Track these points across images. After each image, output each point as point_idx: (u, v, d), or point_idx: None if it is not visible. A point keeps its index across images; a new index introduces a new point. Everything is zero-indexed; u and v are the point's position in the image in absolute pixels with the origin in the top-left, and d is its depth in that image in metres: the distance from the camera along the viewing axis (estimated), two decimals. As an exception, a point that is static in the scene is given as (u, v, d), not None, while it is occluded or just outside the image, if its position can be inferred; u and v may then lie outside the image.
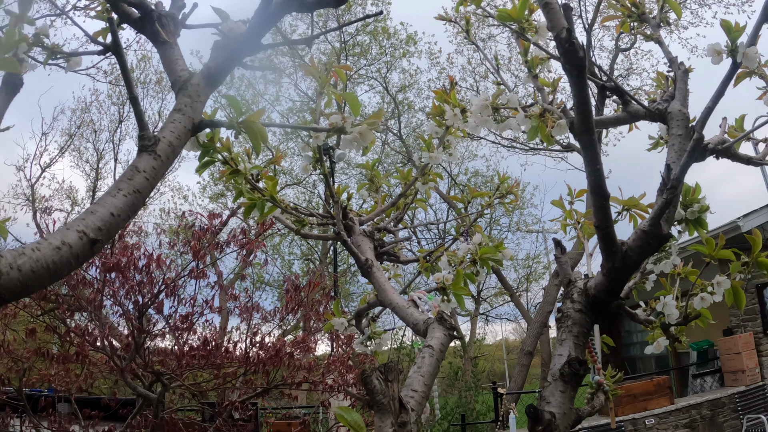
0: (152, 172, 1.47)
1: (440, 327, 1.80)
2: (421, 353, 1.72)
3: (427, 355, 1.70)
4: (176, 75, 1.72)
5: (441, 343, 1.75)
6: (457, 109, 2.89)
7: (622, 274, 1.51)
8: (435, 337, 1.77)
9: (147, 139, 1.48)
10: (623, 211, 2.59)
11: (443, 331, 1.79)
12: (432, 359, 1.69)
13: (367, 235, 2.62)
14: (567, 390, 1.47)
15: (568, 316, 1.55)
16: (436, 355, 1.71)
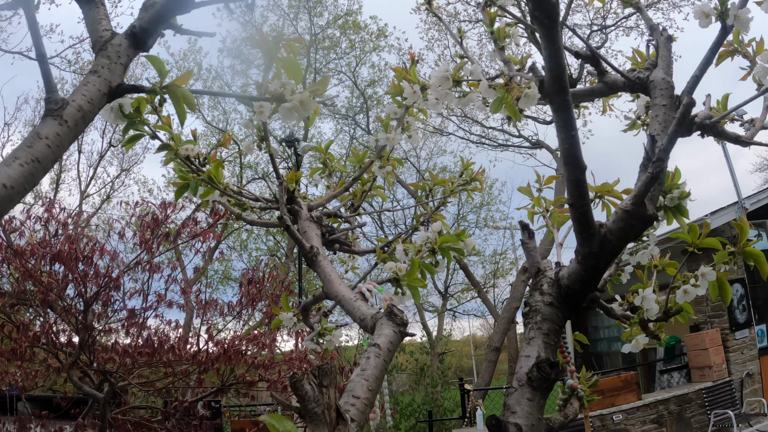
0: (56, 140, 1.24)
1: (389, 323, 1.57)
2: (366, 353, 1.48)
3: (373, 355, 1.46)
4: (98, 35, 1.49)
5: (389, 341, 1.51)
6: (417, 86, 2.66)
7: (600, 261, 1.28)
8: (383, 334, 1.53)
9: (53, 103, 1.28)
10: (596, 198, 2.38)
11: (393, 328, 1.55)
12: (378, 360, 1.45)
13: (314, 220, 2.36)
14: (536, 397, 1.24)
15: (537, 310, 1.32)
16: (383, 355, 1.47)
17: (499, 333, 15.81)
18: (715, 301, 8.53)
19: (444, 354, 24.33)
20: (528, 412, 1.22)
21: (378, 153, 2.87)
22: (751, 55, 2.31)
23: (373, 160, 2.85)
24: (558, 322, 1.31)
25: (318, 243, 2.21)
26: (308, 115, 1.84)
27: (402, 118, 2.93)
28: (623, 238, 1.27)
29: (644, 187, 1.26)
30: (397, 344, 1.54)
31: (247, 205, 2.48)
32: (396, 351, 1.58)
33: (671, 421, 11.06)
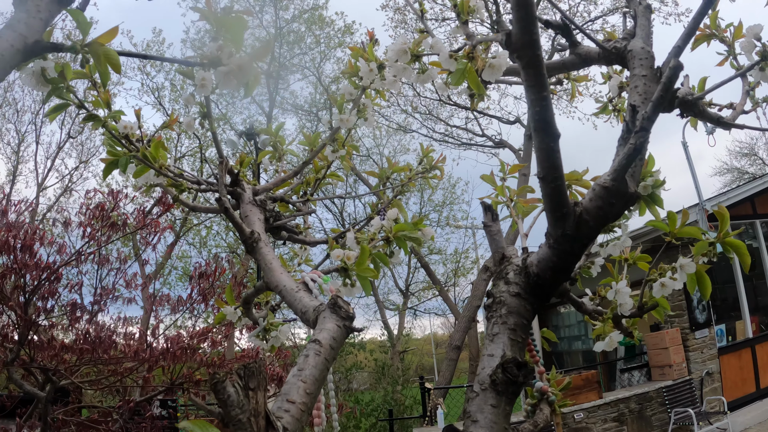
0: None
1: (333, 316, 1.37)
2: (305, 350, 1.29)
3: (312, 353, 1.26)
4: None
5: (332, 337, 1.32)
6: (374, 64, 2.47)
7: (575, 244, 1.10)
8: (325, 329, 1.34)
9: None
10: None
11: (336, 322, 1.36)
12: (318, 359, 1.26)
13: (257, 204, 2.16)
14: (501, 404, 1.05)
15: (502, 302, 1.14)
16: (325, 353, 1.28)
17: (459, 332, 15.70)
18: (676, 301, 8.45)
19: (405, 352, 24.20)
20: (492, 421, 1.04)
21: (331, 136, 2.67)
22: (729, 39, 2.17)
23: (325, 143, 2.65)
24: (526, 315, 1.13)
25: (260, 228, 2.00)
26: (246, 80, 1.65)
27: (358, 100, 2.74)
28: (601, 219, 1.09)
29: (626, 160, 1.09)
30: (341, 340, 1.35)
31: (184, 186, 2.27)
32: (341, 348, 1.39)
33: (632, 419, 11.07)
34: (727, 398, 11.55)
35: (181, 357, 4.89)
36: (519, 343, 1.09)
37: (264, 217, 2.14)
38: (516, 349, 1.09)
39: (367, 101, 2.80)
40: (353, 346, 21.19)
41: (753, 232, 14.17)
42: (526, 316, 1.12)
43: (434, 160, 2.85)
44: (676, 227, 1.76)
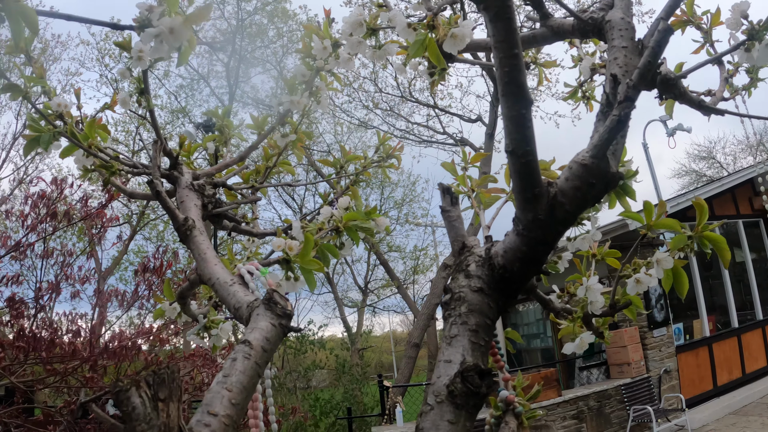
0: None
1: (267, 314, 1.19)
2: (233, 353, 1.11)
3: (241, 356, 1.08)
4: None
5: (265, 337, 1.14)
6: (328, 41, 2.29)
7: (548, 231, 0.94)
8: (257, 328, 1.16)
9: None
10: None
11: (271, 320, 1.18)
12: (247, 363, 1.07)
13: (195, 189, 1.96)
14: (460, 419, 0.88)
15: (462, 299, 0.97)
16: (256, 356, 1.10)
17: (418, 329, 15.60)
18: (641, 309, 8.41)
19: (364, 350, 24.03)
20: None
21: (281, 119, 2.49)
22: (706, 27, 2.04)
23: (274, 127, 2.47)
24: (490, 314, 0.96)
25: (196, 215, 1.81)
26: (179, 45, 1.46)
27: (311, 81, 2.56)
28: (579, 202, 0.93)
29: (608, 134, 0.93)
30: (276, 341, 1.17)
31: (114, 168, 2.07)
32: (276, 350, 1.21)
33: (591, 416, 11.08)
34: (685, 396, 11.62)
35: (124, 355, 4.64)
36: (481, 346, 0.93)
37: (201, 203, 1.95)
38: (478, 353, 0.92)
39: (321, 83, 2.63)
40: (313, 344, 20.95)
41: (710, 232, 14.25)
42: (489, 315, 0.95)
43: (391, 148, 2.68)
44: (652, 219, 1.62)
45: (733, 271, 14.33)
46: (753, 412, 11.58)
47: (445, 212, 1.10)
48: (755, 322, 14.13)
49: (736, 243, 14.90)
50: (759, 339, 13.96)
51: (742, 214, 14.84)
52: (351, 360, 20.55)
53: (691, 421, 11.00)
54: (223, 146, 2.65)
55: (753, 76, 2.30)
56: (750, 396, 12.48)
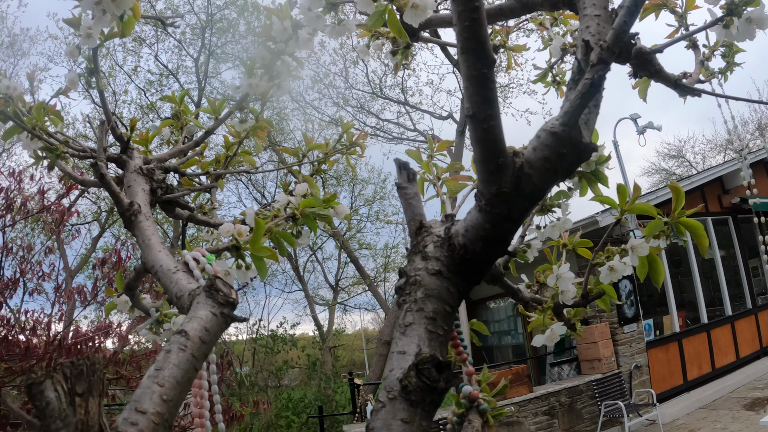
0: None
1: (208, 302, 1.08)
2: (167, 345, 1.00)
3: (175, 348, 0.97)
4: None
5: (204, 327, 1.03)
6: (288, 22, 2.18)
7: (514, 207, 0.84)
8: (196, 317, 1.05)
9: None
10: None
11: (211, 309, 1.07)
12: (182, 356, 0.96)
13: (143, 174, 1.84)
14: (415, 418, 0.78)
15: (418, 283, 0.86)
16: (192, 347, 0.99)
17: (389, 326, 15.50)
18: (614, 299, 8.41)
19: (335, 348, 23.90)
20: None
21: (239, 103, 2.37)
22: (680, 11, 1.97)
23: (231, 111, 2.35)
24: (449, 300, 0.86)
25: (143, 200, 1.69)
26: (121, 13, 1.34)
27: (271, 65, 2.45)
28: (549, 174, 0.83)
29: (580, 100, 0.83)
30: (216, 332, 1.06)
31: (59, 150, 1.94)
32: (217, 341, 1.10)
33: (562, 412, 11.09)
34: (656, 390, 11.67)
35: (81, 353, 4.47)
36: (440, 336, 0.82)
37: (150, 188, 1.83)
38: (436, 344, 0.82)
39: (283, 68, 2.52)
40: (284, 343, 20.78)
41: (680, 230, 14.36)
42: (449, 302, 0.85)
43: (354, 136, 2.58)
44: (626, 203, 1.53)
45: (702, 268, 14.43)
46: (723, 406, 11.66)
47: (401, 189, 0.99)
48: (724, 317, 14.26)
49: (706, 239, 14.98)
50: (728, 334, 14.08)
51: (711, 212, 14.95)
52: (322, 358, 20.41)
53: (662, 415, 11.04)
54: (179, 132, 2.53)
55: (729, 60, 2.23)
56: (720, 390, 12.57)
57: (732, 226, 15.39)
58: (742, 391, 12.54)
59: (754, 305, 15.12)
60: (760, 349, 14.65)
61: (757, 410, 10.65)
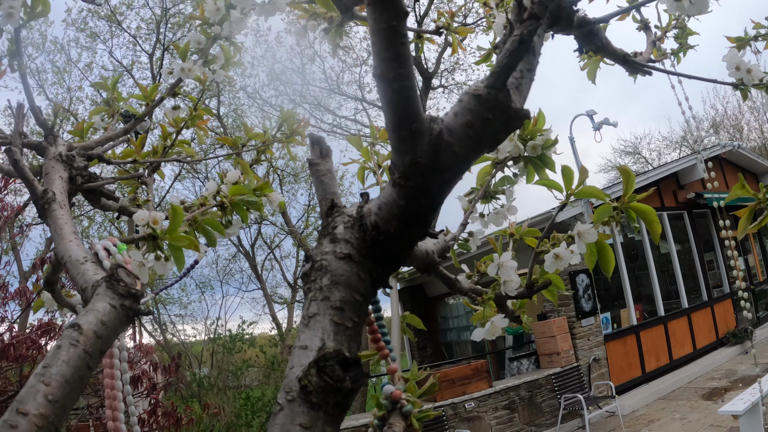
0: None
1: (108, 293, 0.97)
2: (59, 340, 0.89)
3: (66, 343, 0.85)
4: None
5: (100, 320, 0.91)
6: (221, 2, 2.07)
7: (432, 180, 0.73)
8: (93, 310, 0.93)
9: None
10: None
11: (110, 300, 0.95)
12: (74, 351, 0.85)
13: (62, 160, 1.71)
14: (317, 423, 0.67)
15: (324, 268, 0.75)
16: (85, 342, 0.87)
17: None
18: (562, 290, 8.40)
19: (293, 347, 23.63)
20: (300, 452, 0.66)
21: (171, 89, 2.25)
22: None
23: (163, 97, 2.23)
24: (360, 288, 0.75)
25: (59, 188, 1.56)
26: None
27: (207, 49, 2.33)
28: (472, 142, 0.73)
29: (509, 58, 0.73)
30: (116, 325, 0.95)
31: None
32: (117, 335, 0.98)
33: (523, 406, 11.11)
34: (615, 383, 11.75)
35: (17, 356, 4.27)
36: (349, 329, 0.72)
37: (69, 175, 1.69)
38: (343, 337, 0.71)
39: (219, 53, 2.40)
40: (243, 342, 20.55)
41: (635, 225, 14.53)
42: (360, 290, 0.74)
43: (296, 123, 2.46)
44: (572, 186, 1.44)
45: (658, 262, 14.59)
46: (681, 397, 11.78)
47: (313, 166, 0.88)
48: (681, 310, 14.43)
49: (661, 235, 15.17)
50: (685, 326, 14.24)
51: (667, 207, 15.12)
52: (281, 356, 20.16)
53: (622, 407, 11.11)
54: (109, 120, 2.39)
55: (682, 41, 2.16)
56: (678, 381, 12.71)
57: (687, 220, 15.59)
58: (700, 381, 12.68)
59: (709, 297, 15.34)
60: (716, 340, 14.86)
61: (715, 400, 10.77)
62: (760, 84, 1.57)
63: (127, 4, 20.66)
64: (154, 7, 20.89)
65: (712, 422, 9.40)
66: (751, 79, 1.56)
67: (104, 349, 0.96)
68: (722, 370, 13.14)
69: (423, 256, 1.08)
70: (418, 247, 1.06)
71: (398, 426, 0.82)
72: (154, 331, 25.53)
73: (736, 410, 7.49)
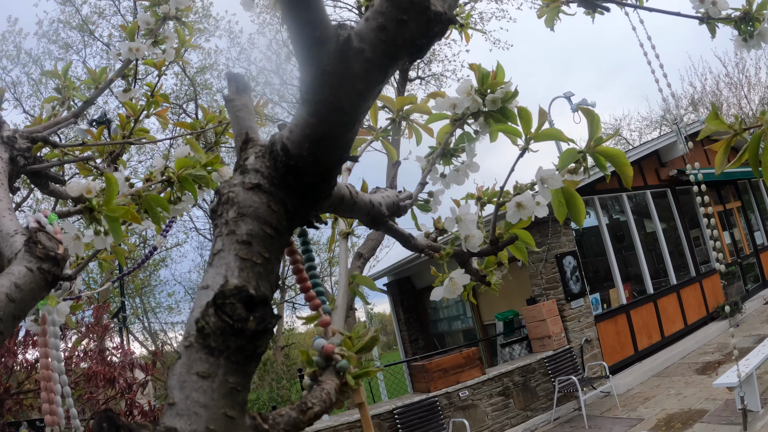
0: None
1: (25, 257, 0.90)
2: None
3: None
4: None
5: (14, 283, 0.85)
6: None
7: (343, 91, 0.64)
8: (8, 273, 0.87)
9: None
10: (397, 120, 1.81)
11: (27, 263, 0.88)
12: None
13: (4, 142, 1.62)
14: (216, 371, 0.57)
15: (231, 200, 0.66)
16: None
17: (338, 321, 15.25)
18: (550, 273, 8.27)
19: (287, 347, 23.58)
20: (200, 404, 0.57)
21: (120, 71, 2.15)
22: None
23: (112, 80, 2.13)
24: (272, 220, 0.66)
25: (1, 169, 1.47)
26: None
27: (156, 30, 2.24)
28: (385, 47, 0.64)
29: (426, -45, 0.65)
30: (33, 289, 0.87)
31: None
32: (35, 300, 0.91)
33: (517, 391, 11.07)
34: (608, 363, 11.74)
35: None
36: (257, 264, 0.63)
37: (10, 156, 1.60)
38: (251, 274, 0.62)
39: (172, 34, 2.32)
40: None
41: (620, 206, 14.54)
42: (271, 222, 0.65)
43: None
44: (531, 130, 1.36)
45: (645, 241, 14.58)
46: (675, 373, 11.77)
47: (229, 102, 0.79)
48: (670, 287, 14.42)
49: (646, 214, 15.19)
50: (675, 303, 14.24)
51: (650, 185, 15.11)
52: (274, 358, 20.08)
53: (616, 386, 11.10)
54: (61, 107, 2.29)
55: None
56: (671, 357, 12.70)
57: (671, 197, 15.58)
58: (693, 356, 12.68)
59: (698, 273, 15.36)
60: (706, 314, 14.87)
61: (709, 374, 10.77)
62: (728, 19, 1.50)
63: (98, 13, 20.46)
64: (126, 14, 20.68)
65: (708, 396, 9.39)
66: (717, 12, 1.48)
67: (19, 314, 0.89)
68: (714, 344, 13.14)
69: (366, 206, 1.00)
70: (360, 195, 0.97)
71: (329, 383, 0.73)
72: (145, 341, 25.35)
73: (731, 382, 7.47)
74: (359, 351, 0.80)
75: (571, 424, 10.59)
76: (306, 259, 0.86)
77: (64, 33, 20.63)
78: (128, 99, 2.20)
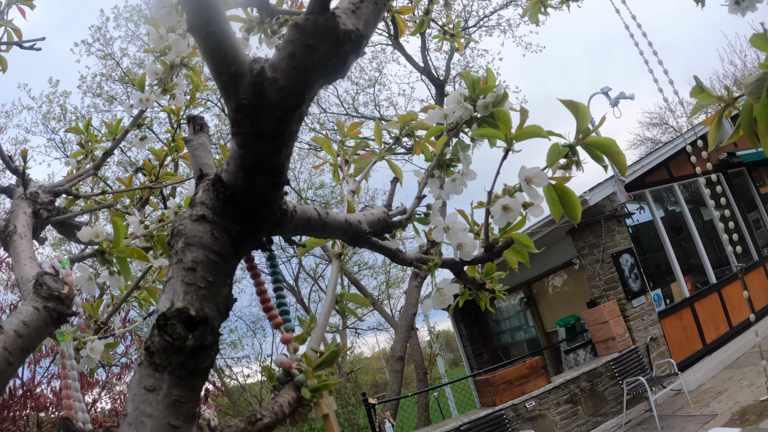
0: None
1: (32, 298, 1.00)
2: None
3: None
4: None
5: (22, 321, 0.97)
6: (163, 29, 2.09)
7: (262, 121, 0.69)
8: (17, 313, 0.98)
9: None
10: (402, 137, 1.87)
11: (34, 303, 0.99)
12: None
13: (26, 198, 1.75)
14: (161, 384, 0.62)
15: (180, 233, 0.71)
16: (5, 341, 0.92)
17: (400, 342, 15.23)
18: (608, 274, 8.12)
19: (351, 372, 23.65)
20: (146, 414, 0.62)
21: (134, 122, 2.26)
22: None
23: (128, 130, 2.24)
24: (216, 247, 0.71)
25: (22, 222, 1.61)
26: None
27: (166, 78, 2.34)
28: (297, 72, 0.68)
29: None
30: (39, 326, 0.98)
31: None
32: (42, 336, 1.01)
33: (585, 397, 10.89)
34: (676, 359, 11.46)
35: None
36: (201, 288, 0.68)
37: (33, 210, 1.73)
38: (194, 297, 0.67)
39: (180, 80, 2.42)
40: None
41: (673, 197, 14.27)
42: (215, 249, 0.71)
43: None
44: (511, 130, 1.36)
45: (703, 230, 14.26)
46: (747, 363, 11.45)
47: (188, 142, 0.86)
48: (733, 274, 14.03)
49: (701, 202, 14.88)
50: (739, 290, 13.84)
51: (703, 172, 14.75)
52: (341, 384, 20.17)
53: (687, 383, 10.84)
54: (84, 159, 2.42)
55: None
56: (741, 348, 12.36)
57: (725, 182, 15.21)
58: (764, 344, 12.29)
59: (760, 257, 14.91)
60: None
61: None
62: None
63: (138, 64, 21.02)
64: (165, 60, 21.17)
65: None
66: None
67: (28, 348, 0.99)
68: (786, 329, 12.76)
69: (342, 225, 1.05)
70: (331, 216, 1.02)
71: (284, 396, 0.78)
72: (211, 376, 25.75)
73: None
74: (320, 365, 0.85)
75: (643, 426, 10.37)
76: (273, 280, 0.92)
77: (107, 86, 21.21)
78: (144, 147, 2.30)
